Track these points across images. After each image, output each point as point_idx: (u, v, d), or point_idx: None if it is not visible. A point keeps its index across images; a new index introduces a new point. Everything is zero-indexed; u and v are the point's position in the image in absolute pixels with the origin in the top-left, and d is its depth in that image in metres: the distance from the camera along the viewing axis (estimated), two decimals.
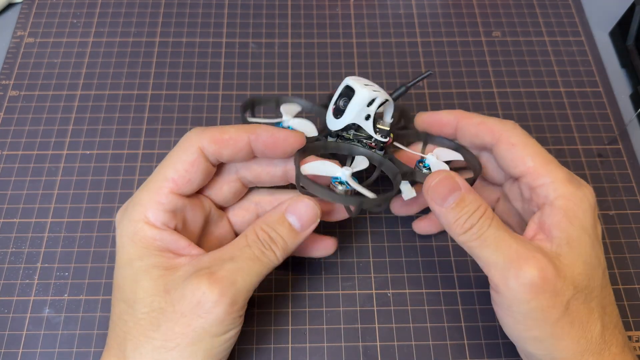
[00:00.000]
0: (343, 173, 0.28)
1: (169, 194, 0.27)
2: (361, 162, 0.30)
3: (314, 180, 0.28)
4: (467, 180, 0.28)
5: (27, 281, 0.35)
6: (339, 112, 0.30)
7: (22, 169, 0.39)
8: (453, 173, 0.28)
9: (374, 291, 0.35)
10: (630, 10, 0.44)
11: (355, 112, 0.30)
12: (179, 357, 0.25)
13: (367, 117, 0.30)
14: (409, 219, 0.37)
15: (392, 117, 0.31)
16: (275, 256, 0.27)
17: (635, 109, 0.42)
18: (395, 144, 0.33)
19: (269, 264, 0.27)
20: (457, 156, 0.32)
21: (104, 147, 0.40)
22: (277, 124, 0.32)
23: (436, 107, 0.42)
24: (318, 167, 0.29)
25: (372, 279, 0.35)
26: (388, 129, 0.31)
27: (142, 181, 0.38)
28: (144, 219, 0.27)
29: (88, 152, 0.40)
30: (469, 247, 0.27)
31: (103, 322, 0.33)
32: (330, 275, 0.35)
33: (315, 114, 0.36)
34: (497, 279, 0.26)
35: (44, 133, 0.40)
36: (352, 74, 0.44)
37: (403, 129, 0.36)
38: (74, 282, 0.35)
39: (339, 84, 0.30)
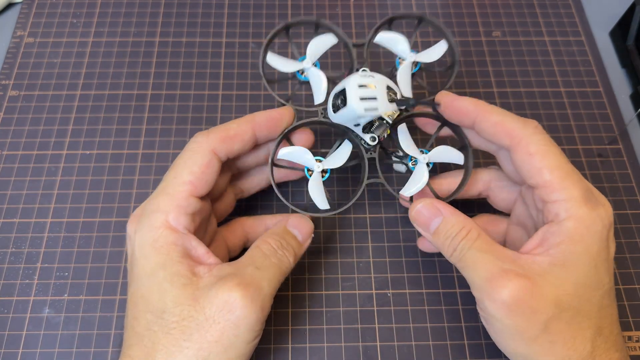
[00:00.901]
0: (316, 170, 0.31)
1: (189, 197, 0.28)
2: (338, 159, 0.31)
3: (289, 164, 0.31)
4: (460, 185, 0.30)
5: (27, 281, 0.35)
6: (335, 108, 0.30)
7: (22, 169, 0.39)
8: (433, 200, 0.29)
9: (374, 291, 0.35)
10: (631, 10, 0.44)
11: (344, 120, 0.30)
12: None
13: (357, 125, 0.30)
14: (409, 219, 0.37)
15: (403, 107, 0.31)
16: (289, 262, 0.29)
17: (636, 109, 0.42)
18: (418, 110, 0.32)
19: (285, 270, 0.29)
20: (453, 159, 0.32)
21: (104, 147, 0.40)
22: (296, 73, 0.33)
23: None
24: (296, 153, 0.31)
25: (372, 279, 0.35)
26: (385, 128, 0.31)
27: (142, 181, 0.38)
28: (165, 225, 0.27)
29: (88, 152, 0.40)
30: (458, 268, 0.29)
31: (103, 322, 0.33)
32: (330, 275, 0.35)
33: (346, 51, 0.34)
34: (477, 297, 0.28)
35: (43, 133, 0.40)
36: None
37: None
38: (73, 282, 0.35)
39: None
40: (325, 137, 0.39)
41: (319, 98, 0.32)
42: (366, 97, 0.28)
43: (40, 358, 0.32)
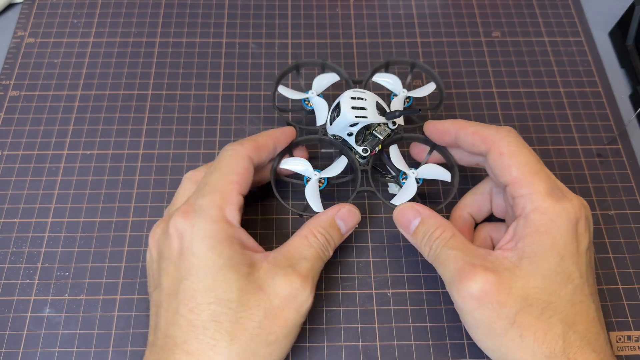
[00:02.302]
0: (313, 178, 0.34)
1: (237, 194, 0.30)
2: (334, 168, 0.35)
3: (289, 172, 0.35)
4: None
5: (28, 281, 0.35)
6: (332, 120, 0.34)
7: (23, 169, 0.39)
8: (412, 203, 0.32)
9: (373, 291, 0.35)
10: (630, 10, 0.44)
11: (337, 129, 0.34)
12: (278, 348, 0.27)
13: (350, 134, 0.34)
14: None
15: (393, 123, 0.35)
16: (329, 254, 0.31)
17: (635, 109, 0.42)
18: (410, 134, 0.36)
19: (325, 261, 0.31)
20: (440, 176, 0.34)
21: (105, 147, 0.40)
22: (303, 99, 0.38)
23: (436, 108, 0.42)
24: (295, 163, 0.35)
25: (372, 279, 0.35)
26: (381, 136, 0.35)
27: (143, 181, 0.38)
28: (223, 219, 0.29)
29: (88, 152, 0.40)
30: (434, 267, 0.30)
31: (103, 322, 0.33)
32: (330, 274, 0.35)
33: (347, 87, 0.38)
34: (449, 294, 0.29)
35: (44, 133, 0.40)
36: (352, 74, 0.44)
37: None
38: (74, 282, 0.35)
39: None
40: (326, 159, 0.40)
41: (320, 121, 0.36)
42: (357, 106, 0.33)
43: (40, 358, 0.32)
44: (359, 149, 0.34)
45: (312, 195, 0.34)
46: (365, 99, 0.33)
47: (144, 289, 0.34)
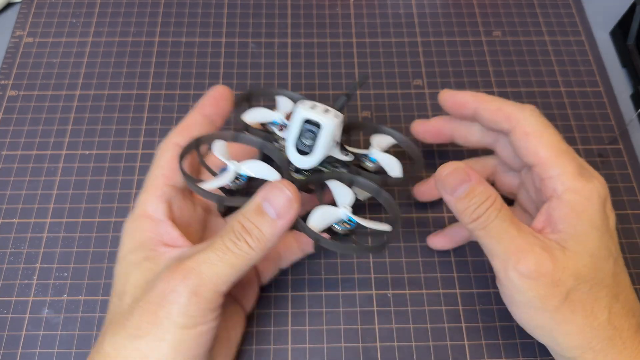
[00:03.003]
0: (344, 213, 0.28)
1: (164, 186, 0.30)
2: (344, 193, 0.29)
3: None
4: (411, 170, 0.31)
5: (26, 282, 0.35)
6: (305, 150, 0.28)
7: (21, 169, 0.39)
8: (464, 165, 0.28)
9: (373, 292, 0.35)
10: (631, 9, 0.44)
11: (327, 145, 0.28)
12: (146, 346, 0.25)
13: (336, 145, 0.29)
14: (410, 219, 0.37)
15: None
16: (248, 247, 0.26)
17: (636, 109, 0.42)
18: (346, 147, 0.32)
19: (243, 255, 0.26)
20: (393, 141, 0.33)
21: (103, 147, 0.40)
22: (223, 170, 0.29)
23: (436, 107, 0.42)
24: (324, 216, 0.28)
25: (372, 280, 0.35)
26: (345, 145, 0.31)
27: (142, 181, 0.38)
28: (144, 214, 0.29)
29: (87, 152, 0.39)
30: (476, 235, 0.28)
31: (102, 323, 0.33)
32: (330, 275, 0.35)
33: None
34: (497, 268, 0.28)
35: (42, 133, 0.40)
36: (352, 74, 0.44)
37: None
38: (73, 282, 0.35)
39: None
40: None
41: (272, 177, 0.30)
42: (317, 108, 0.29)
43: (39, 358, 0.32)
44: (344, 157, 0.30)
45: (367, 222, 0.28)
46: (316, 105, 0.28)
47: None
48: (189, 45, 0.45)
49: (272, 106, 0.34)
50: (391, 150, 0.33)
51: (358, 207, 0.29)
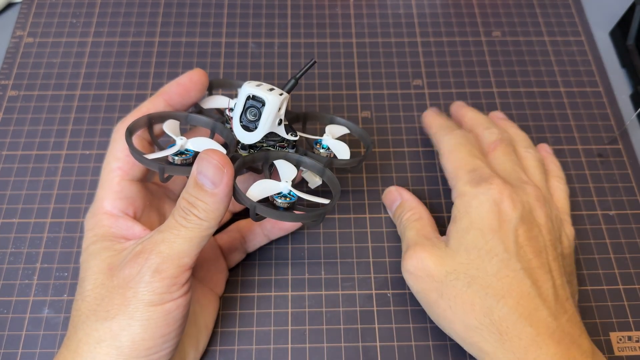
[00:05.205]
0: (285, 186, 0.29)
1: (121, 181, 0.29)
2: (288, 170, 0.30)
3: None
4: (361, 155, 0.33)
5: (27, 281, 0.35)
6: (250, 126, 0.29)
7: (21, 169, 0.39)
8: (399, 187, 0.37)
9: (373, 291, 0.35)
10: (631, 10, 0.44)
11: (271, 121, 0.29)
12: (117, 326, 0.26)
13: (280, 122, 0.30)
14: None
15: (287, 113, 0.31)
16: (198, 219, 0.26)
17: (636, 109, 0.42)
18: (299, 133, 0.32)
19: (196, 228, 0.26)
20: (346, 131, 0.34)
21: (103, 147, 0.40)
22: (171, 146, 0.29)
23: (436, 107, 0.42)
24: (263, 187, 0.29)
25: (372, 280, 0.35)
26: (289, 124, 0.31)
27: None
28: (102, 211, 0.29)
29: (87, 152, 0.40)
30: None
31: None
32: (329, 275, 0.35)
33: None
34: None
35: (43, 133, 0.40)
36: (352, 74, 0.44)
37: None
38: (73, 282, 0.35)
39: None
40: None
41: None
42: (263, 87, 0.29)
43: (39, 358, 0.32)
44: (289, 135, 0.31)
45: (305, 195, 0.29)
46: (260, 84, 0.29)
47: None
48: (189, 45, 0.45)
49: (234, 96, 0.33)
50: (346, 138, 0.35)
51: (308, 193, 0.30)
